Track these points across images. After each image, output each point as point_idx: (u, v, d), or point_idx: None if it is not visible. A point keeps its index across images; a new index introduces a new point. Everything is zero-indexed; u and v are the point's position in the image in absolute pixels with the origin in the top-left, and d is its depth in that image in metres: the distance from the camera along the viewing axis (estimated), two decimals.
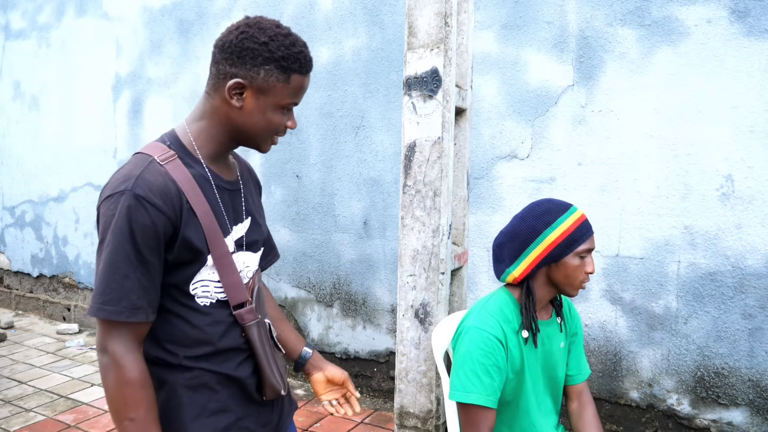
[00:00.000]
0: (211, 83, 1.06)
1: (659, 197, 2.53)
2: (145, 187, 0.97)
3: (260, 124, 1.05)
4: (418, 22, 1.82)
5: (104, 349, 0.98)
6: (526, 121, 2.81)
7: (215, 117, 1.06)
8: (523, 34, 2.80)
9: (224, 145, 1.10)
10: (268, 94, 1.03)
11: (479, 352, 1.36)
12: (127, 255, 0.96)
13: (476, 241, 2.96)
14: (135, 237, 0.96)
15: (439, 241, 1.85)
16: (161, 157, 1.03)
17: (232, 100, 1.03)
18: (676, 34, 2.46)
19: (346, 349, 3.44)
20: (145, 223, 0.96)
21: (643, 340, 2.61)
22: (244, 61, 1.01)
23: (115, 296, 0.96)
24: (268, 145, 1.11)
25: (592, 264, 1.39)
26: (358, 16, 3.25)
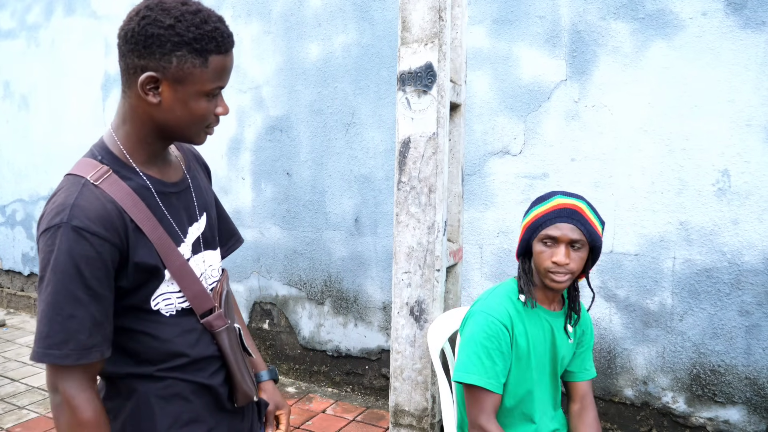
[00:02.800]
0: (124, 80, 0.94)
1: (654, 193, 2.51)
2: (82, 217, 0.88)
3: (185, 117, 0.93)
4: (412, 17, 1.78)
5: (55, 389, 0.91)
6: (518, 116, 2.78)
7: (136, 118, 0.95)
8: (515, 29, 2.77)
9: (155, 146, 0.99)
10: (186, 83, 0.90)
11: (483, 335, 1.40)
12: (71, 293, 0.87)
13: (469, 238, 2.93)
14: (81, 272, 0.87)
15: (434, 237, 1.82)
16: (94, 176, 0.92)
17: (148, 97, 0.91)
18: (671, 27, 2.43)
19: (337, 347, 3.41)
20: (89, 255, 0.88)
21: (637, 337, 2.58)
22: (152, 51, 0.88)
23: (60, 338, 0.88)
24: (202, 136, 0.99)
25: (559, 254, 1.34)
26: (348, 12, 3.22)
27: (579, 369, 1.56)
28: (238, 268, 3.74)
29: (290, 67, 3.45)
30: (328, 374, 3.47)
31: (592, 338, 1.60)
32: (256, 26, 3.55)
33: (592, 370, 1.58)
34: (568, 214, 1.36)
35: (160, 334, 1.00)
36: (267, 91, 3.55)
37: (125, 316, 0.98)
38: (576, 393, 1.57)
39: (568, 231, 1.35)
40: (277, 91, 3.51)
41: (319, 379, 3.50)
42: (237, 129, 3.69)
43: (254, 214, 3.66)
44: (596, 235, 1.38)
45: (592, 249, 1.40)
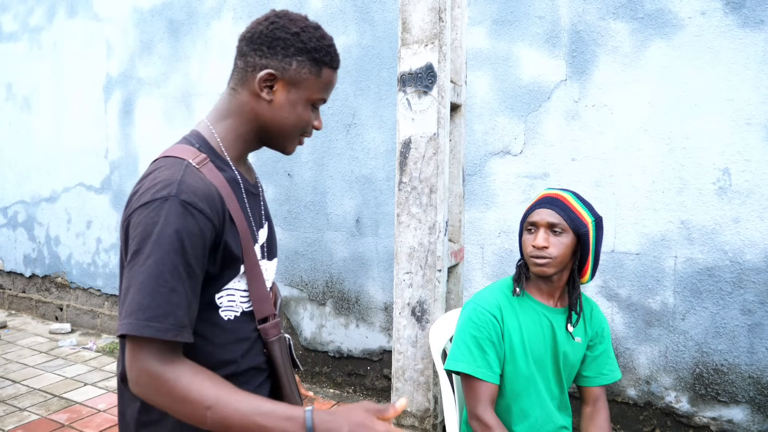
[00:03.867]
0: (237, 78, 1.00)
1: (655, 192, 2.51)
2: (190, 193, 0.88)
3: (290, 119, 1.00)
4: (412, 18, 1.79)
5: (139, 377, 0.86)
6: (518, 116, 2.79)
7: (242, 114, 1.00)
8: (514, 29, 2.78)
9: (250, 145, 1.04)
10: (299, 87, 0.98)
11: (472, 325, 1.44)
12: (175, 266, 0.85)
13: (470, 238, 2.93)
14: (184, 247, 0.86)
15: (435, 238, 1.82)
16: (195, 160, 0.95)
17: (262, 93, 0.97)
18: (670, 26, 2.43)
19: (339, 348, 3.41)
20: (194, 231, 0.87)
21: (640, 336, 2.59)
22: (275, 52, 0.96)
23: (161, 312, 0.84)
24: (294, 144, 1.04)
25: (538, 237, 1.39)
26: (348, 14, 3.22)
27: (595, 374, 1.55)
28: None
29: None
30: (329, 375, 3.48)
31: (609, 341, 1.58)
32: None
33: (613, 374, 1.57)
34: (549, 200, 1.42)
35: (215, 338, 0.97)
36: None
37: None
38: (588, 396, 1.57)
39: (547, 215, 1.40)
40: None
41: (320, 380, 3.51)
42: None
43: None
44: (579, 221, 1.39)
45: (579, 238, 1.40)
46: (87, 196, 4.48)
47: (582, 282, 1.50)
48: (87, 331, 4.52)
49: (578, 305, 1.50)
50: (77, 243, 4.57)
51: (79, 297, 4.63)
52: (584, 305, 1.56)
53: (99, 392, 3.28)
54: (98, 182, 4.40)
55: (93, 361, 3.81)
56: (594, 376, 1.56)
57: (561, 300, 1.52)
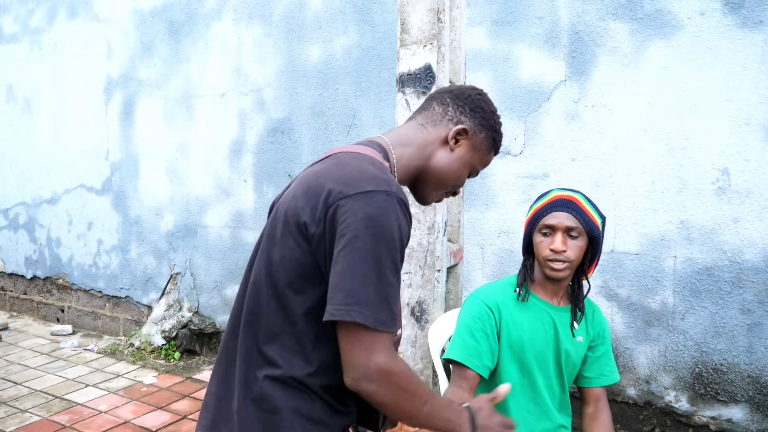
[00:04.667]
0: (430, 118, 1.09)
1: (654, 192, 2.51)
2: (401, 192, 0.92)
3: (455, 173, 1.09)
4: (411, 19, 1.80)
5: (369, 372, 0.85)
6: (518, 117, 2.79)
7: (423, 149, 1.07)
8: (514, 30, 2.78)
9: (409, 178, 1.09)
10: (476, 152, 1.09)
11: (467, 315, 1.47)
12: (393, 260, 0.87)
13: (470, 239, 2.94)
14: (401, 244, 0.89)
15: (434, 238, 1.83)
16: (385, 163, 1.01)
17: (450, 142, 1.07)
18: (669, 27, 2.44)
19: None
20: (406, 232, 0.91)
21: (639, 336, 2.59)
22: (475, 116, 1.08)
23: (386, 307, 0.86)
24: (437, 197, 1.13)
25: (556, 241, 1.39)
26: (348, 15, 3.23)
27: (596, 375, 1.55)
28: (240, 269, 3.75)
29: (291, 69, 3.46)
30: None
31: (609, 343, 1.59)
32: (258, 29, 3.57)
33: (612, 376, 1.57)
34: (564, 203, 1.41)
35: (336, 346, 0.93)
36: (268, 94, 3.57)
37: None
38: (589, 396, 1.56)
39: (564, 219, 1.39)
40: (278, 93, 3.53)
41: None
42: (239, 131, 3.70)
43: (256, 217, 3.67)
44: (593, 224, 1.40)
45: (591, 240, 1.42)
46: (88, 198, 4.49)
47: (588, 276, 1.51)
48: (88, 333, 4.53)
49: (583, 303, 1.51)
50: (78, 244, 4.58)
51: (81, 298, 4.64)
52: (586, 306, 1.56)
53: (100, 393, 3.29)
54: (99, 184, 4.41)
55: (94, 362, 3.82)
56: (595, 376, 1.56)
57: (564, 299, 1.52)
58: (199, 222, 3.93)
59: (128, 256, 4.30)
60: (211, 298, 3.94)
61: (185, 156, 3.96)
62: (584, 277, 1.49)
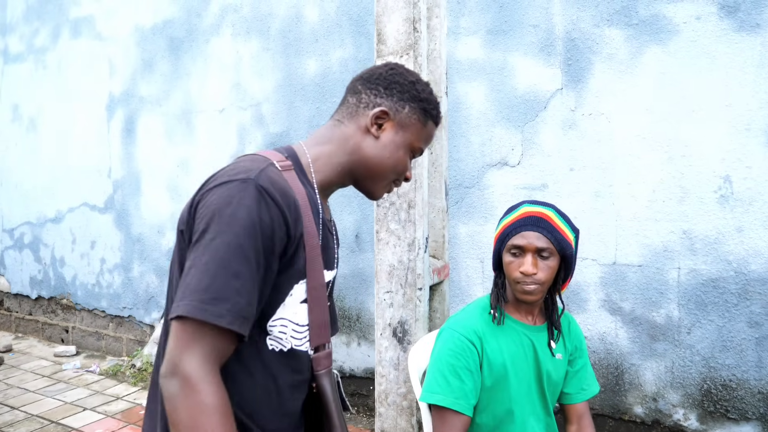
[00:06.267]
0: (346, 111, 1.01)
1: (655, 201, 2.42)
2: (267, 181, 0.84)
3: (390, 160, 1.00)
4: (387, 29, 1.75)
5: (175, 368, 0.75)
6: (515, 127, 2.73)
7: (343, 144, 0.99)
8: (509, 39, 2.73)
9: (340, 177, 1.01)
10: (406, 131, 1.00)
11: (448, 352, 1.35)
12: (242, 249, 0.79)
13: (469, 252, 2.87)
14: (255, 231, 0.80)
15: (415, 255, 1.77)
16: (280, 163, 0.91)
17: (372, 129, 0.99)
18: (665, 32, 2.36)
19: (341, 367, 3.35)
20: (265, 219, 0.81)
21: (645, 351, 2.48)
22: (392, 93, 1.00)
23: (220, 296, 0.76)
24: (384, 189, 1.04)
25: (526, 263, 1.29)
26: (344, 27, 3.21)
27: (576, 390, 1.49)
28: None
29: (289, 83, 3.45)
30: None
31: (586, 353, 1.53)
32: (256, 43, 3.57)
33: (591, 388, 1.50)
34: (534, 222, 1.31)
35: (255, 371, 0.87)
36: (267, 108, 3.56)
37: None
38: (572, 414, 1.49)
39: (534, 239, 1.30)
40: (276, 107, 3.51)
41: None
42: (238, 146, 3.69)
43: None
44: (565, 242, 1.32)
45: (563, 259, 1.34)
46: (91, 216, 4.51)
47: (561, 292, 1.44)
48: (92, 353, 4.52)
49: (559, 321, 1.44)
50: (82, 263, 4.60)
51: (84, 318, 4.64)
52: (561, 320, 1.50)
53: (97, 417, 3.25)
54: (102, 202, 4.43)
55: (95, 384, 3.79)
56: (575, 392, 1.49)
57: (539, 317, 1.45)
58: None
59: (130, 274, 4.30)
60: None
61: (186, 172, 3.96)
62: (557, 293, 1.42)
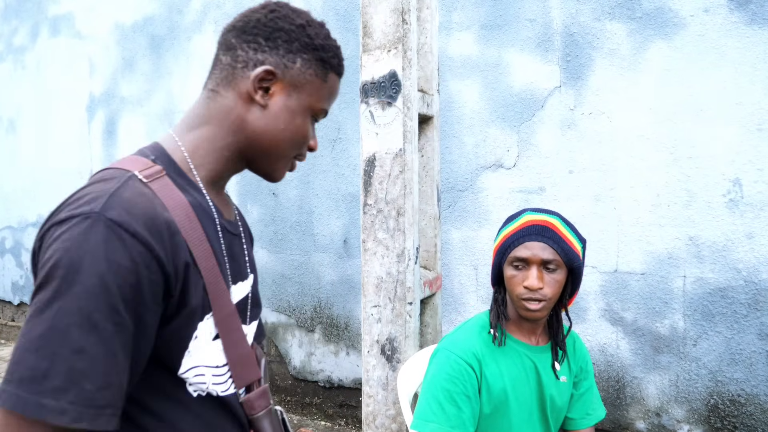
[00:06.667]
0: (220, 77, 0.77)
1: (660, 206, 2.29)
2: (122, 209, 0.63)
3: (287, 131, 0.77)
4: (373, 21, 1.61)
5: None
6: (511, 127, 2.59)
7: (224, 122, 0.77)
8: (504, 34, 2.59)
9: (230, 164, 0.79)
10: (302, 91, 0.77)
11: (444, 377, 1.22)
12: (87, 316, 0.59)
13: (463, 259, 2.73)
14: (107, 287, 0.60)
15: (405, 266, 1.63)
16: (145, 172, 0.69)
17: (256, 95, 0.75)
18: (670, 26, 2.23)
19: (329, 377, 3.21)
20: (123, 264, 0.61)
21: (648, 364, 2.35)
22: (276, 45, 0.75)
23: (58, 384, 0.57)
24: (285, 167, 0.82)
25: (531, 277, 1.17)
26: (330, 23, 3.06)
27: (581, 415, 1.36)
28: None
29: None
30: (320, 406, 3.27)
31: (592, 374, 1.40)
32: None
33: (597, 413, 1.38)
34: (538, 231, 1.19)
35: (176, 421, 0.72)
36: None
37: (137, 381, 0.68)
38: None
39: (539, 250, 1.17)
40: None
41: (311, 412, 3.30)
42: None
43: None
44: (573, 253, 1.19)
45: (570, 271, 1.21)
46: None
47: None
48: None
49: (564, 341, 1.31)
50: None
51: None
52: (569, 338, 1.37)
53: None
54: None
55: None
56: (580, 417, 1.36)
57: (542, 336, 1.32)
58: None
59: None
60: None
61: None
62: (563, 309, 1.28)
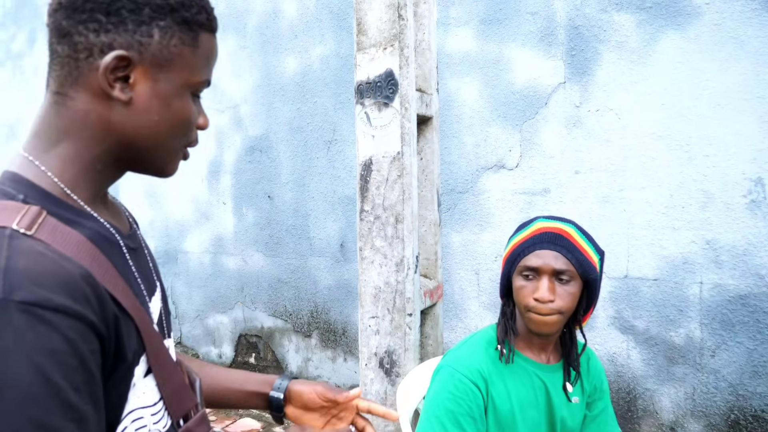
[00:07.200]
0: (62, 74, 0.60)
1: (673, 207, 2.17)
2: (29, 284, 0.51)
3: (165, 122, 0.62)
4: (368, 17, 1.50)
5: None
6: (513, 125, 2.47)
7: (84, 131, 0.61)
8: (504, 29, 2.47)
9: (109, 174, 0.65)
10: (171, 69, 0.61)
11: (448, 396, 1.14)
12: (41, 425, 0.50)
13: (463, 263, 2.61)
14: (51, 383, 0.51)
15: (404, 276, 1.51)
16: (23, 222, 0.55)
17: (114, 90, 0.59)
18: (684, 15, 2.10)
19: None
20: (58, 348, 0.51)
21: (661, 375, 2.23)
22: (122, 19, 0.58)
23: None
24: (176, 160, 0.68)
25: (541, 288, 1.07)
26: (325, 21, 2.95)
27: None
28: (222, 298, 3.47)
29: (267, 83, 3.19)
30: None
31: (608, 394, 1.29)
32: (232, 42, 3.31)
33: None
34: (551, 239, 1.10)
35: None
36: (245, 110, 3.30)
37: None
38: None
39: (551, 259, 1.08)
40: (255, 109, 3.26)
41: None
42: (216, 151, 3.44)
43: (236, 241, 3.39)
44: (588, 265, 1.09)
45: (586, 284, 1.12)
46: None
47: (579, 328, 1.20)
48: None
49: (578, 361, 1.20)
50: None
51: None
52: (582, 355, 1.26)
53: None
54: None
55: None
56: None
57: (554, 354, 1.22)
58: (180, 248, 3.66)
59: None
60: (194, 328, 3.66)
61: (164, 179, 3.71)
62: (578, 326, 1.18)
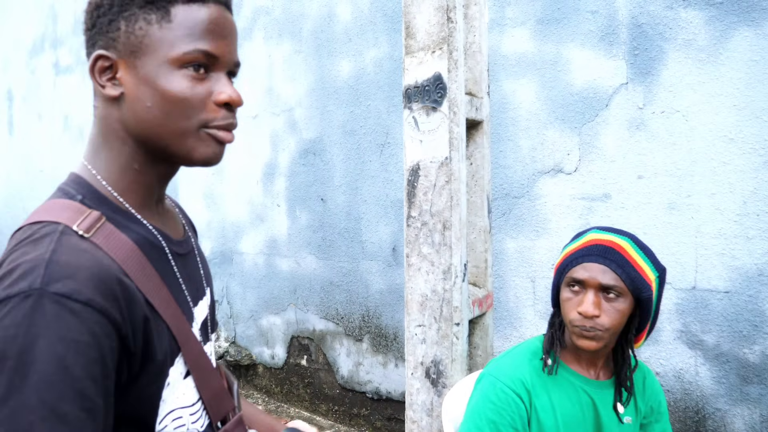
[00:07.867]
0: (93, 88, 0.68)
1: (747, 215, 2.02)
2: (66, 278, 0.55)
3: (157, 106, 0.63)
4: (416, 21, 1.48)
5: None
6: (571, 128, 2.38)
7: (110, 134, 0.66)
8: (563, 29, 2.38)
9: (149, 174, 0.68)
10: (144, 53, 0.63)
11: (490, 406, 1.12)
12: (52, 410, 0.53)
13: (518, 270, 2.54)
14: (70, 373, 0.53)
15: (451, 284, 1.49)
16: (82, 224, 0.60)
17: (106, 90, 0.64)
18: (758, 10, 1.96)
19: (377, 389, 3.10)
20: (81, 339, 0.54)
21: (734, 395, 2.08)
22: (97, 24, 0.65)
23: None
24: (199, 143, 0.65)
25: (586, 302, 1.03)
26: (378, 24, 2.96)
27: None
28: (275, 299, 3.55)
29: (322, 86, 3.24)
30: (368, 418, 3.17)
31: (666, 416, 1.22)
32: (288, 46, 3.38)
33: None
34: (600, 252, 1.05)
35: None
36: (299, 113, 3.36)
37: None
38: None
39: (598, 273, 1.03)
40: (309, 112, 3.31)
41: (359, 423, 3.21)
42: (271, 153, 3.52)
43: (290, 243, 3.46)
44: (641, 281, 1.03)
45: (638, 302, 1.05)
46: None
47: (635, 347, 1.14)
48: None
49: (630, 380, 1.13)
50: None
51: None
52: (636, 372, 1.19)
53: None
54: None
55: None
56: None
57: (604, 370, 1.16)
58: (235, 248, 3.77)
59: None
60: (248, 328, 3.76)
61: (221, 180, 3.84)
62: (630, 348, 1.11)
